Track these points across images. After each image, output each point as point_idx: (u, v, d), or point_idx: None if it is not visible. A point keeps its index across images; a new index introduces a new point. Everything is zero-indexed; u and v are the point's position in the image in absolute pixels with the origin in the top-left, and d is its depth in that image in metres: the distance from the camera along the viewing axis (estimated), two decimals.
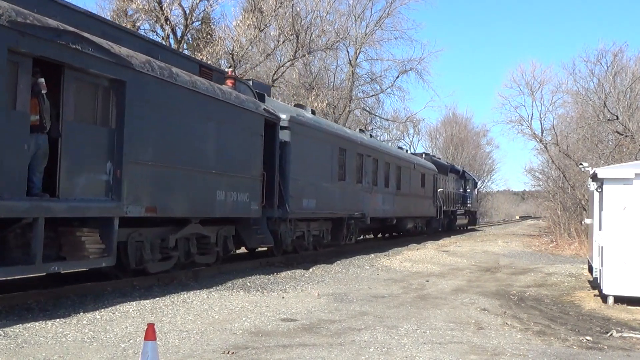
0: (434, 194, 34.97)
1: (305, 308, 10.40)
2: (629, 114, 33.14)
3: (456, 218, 44.23)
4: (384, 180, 25.34)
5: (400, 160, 28.60)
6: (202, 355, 6.99)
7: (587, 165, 15.73)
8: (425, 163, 34.26)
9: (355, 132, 24.57)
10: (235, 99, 14.11)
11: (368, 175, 23.38)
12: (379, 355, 7.29)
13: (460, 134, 77.97)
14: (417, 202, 31.19)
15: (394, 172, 26.94)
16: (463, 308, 11.12)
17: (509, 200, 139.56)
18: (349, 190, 21.38)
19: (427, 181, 33.21)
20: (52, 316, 8.51)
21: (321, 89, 37.30)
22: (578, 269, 19.29)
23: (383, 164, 25.30)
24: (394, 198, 26.78)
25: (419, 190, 31.75)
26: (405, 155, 30.89)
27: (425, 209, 33.30)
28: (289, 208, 16.57)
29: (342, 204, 20.72)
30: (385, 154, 26.11)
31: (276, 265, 16.46)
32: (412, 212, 30.41)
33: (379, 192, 24.70)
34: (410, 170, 29.81)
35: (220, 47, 29.15)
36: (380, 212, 25.14)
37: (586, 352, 8.08)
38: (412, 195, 29.95)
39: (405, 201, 28.67)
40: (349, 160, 21.43)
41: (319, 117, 21.47)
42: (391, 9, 41.65)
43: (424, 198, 32.69)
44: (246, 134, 14.47)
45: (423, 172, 32.58)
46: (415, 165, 30.98)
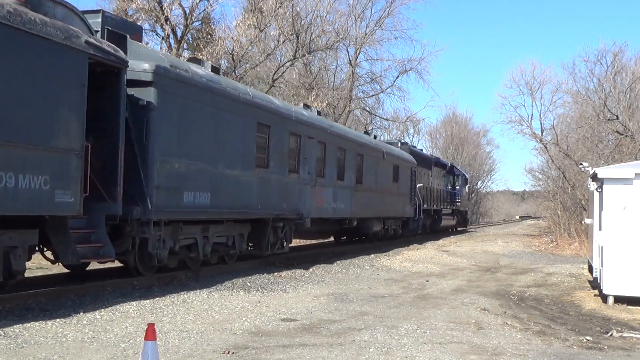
0: (412, 190, 29.63)
1: (306, 308, 10.40)
2: (629, 113, 33.14)
3: (441, 218, 38.67)
4: (335, 170, 20.03)
5: (363, 146, 22.84)
6: (202, 355, 6.98)
7: (587, 165, 15.73)
8: (400, 153, 28.68)
9: (288, 105, 18.85)
10: (17, 18, 8.63)
11: (309, 164, 17.88)
12: (379, 355, 7.29)
13: (460, 134, 78.01)
14: (387, 199, 25.69)
15: (352, 161, 21.62)
16: (463, 308, 11.12)
17: (509, 200, 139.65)
18: (276, 183, 15.94)
19: (402, 175, 27.82)
20: (52, 316, 8.51)
21: (321, 89, 37.26)
22: (578, 269, 19.29)
23: (334, 149, 19.89)
24: (353, 194, 21.58)
25: (390, 185, 26.19)
26: (370, 140, 24.59)
27: (400, 208, 27.98)
28: (151, 204, 11.13)
29: (264, 200, 15.30)
30: (338, 137, 20.37)
31: (276, 265, 16.45)
32: (380, 212, 25.08)
33: (328, 185, 19.36)
34: (377, 160, 24.38)
35: (220, 47, 29.14)
36: (329, 212, 19.71)
37: (586, 352, 8.08)
38: (379, 191, 24.46)
39: (369, 198, 23.26)
40: (276, 141, 15.82)
41: (226, 79, 15.98)
42: (391, 9, 41.59)
43: (397, 195, 27.27)
44: (44, 78, 9.13)
45: (396, 163, 27.06)
46: (385, 155, 25.34)
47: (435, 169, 37.94)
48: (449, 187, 42.97)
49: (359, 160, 22.46)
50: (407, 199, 28.91)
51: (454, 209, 43.85)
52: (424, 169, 34.00)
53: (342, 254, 20.60)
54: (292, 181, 17.02)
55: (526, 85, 43.21)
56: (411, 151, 31.89)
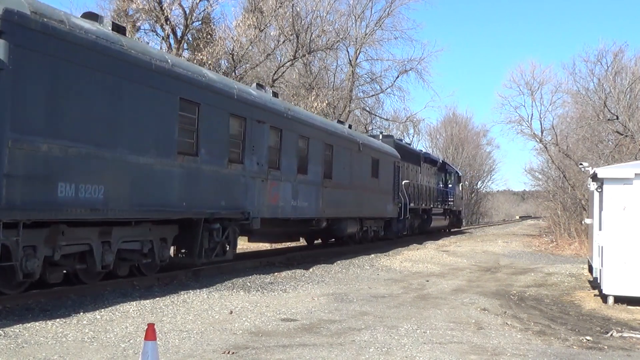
0: (395, 187, 26.42)
1: (306, 308, 10.40)
2: (629, 113, 33.15)
3: (431, 219, 35.44)
4: (295, 162, 16.96)
5: (332, 136, 19.76)
6: (202, 355, 6.99)
7: (587, 165, 15.74)
8: (380, 146, 25.41)
9: (228, 80, 15.05)
10: None
11: (259, 153, 14.93)
12: (379, 355, 7.29)
13: (460, 134, 78.05)
14: (365, 197, 22.57)
15: (318, 153, 18.49)
16: (463, 308, 11.12)
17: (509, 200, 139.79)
18: (210, 174, 12.91)
19: (383, 170, 24.67)
20: (52, 316, 8.51)
21: (321, 89, 37.27)
22: (578, 269, 19.29)
23: (294, 137, 16.89)
24: (320, 191, 18.58)
25: (369, 181, 23.15)
26: (342, 129, 21.22)
27: (381, 207, 24.79)
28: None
29: (192, 196, 12.26)
30: (300, 123, 17.30)
31: (276, 265, 16.47)
32: (356, 211, 22.08)
33: (285, 180, 16.34)
34: (351, 153, 21.32)
35: (221, 47, 29.14)
36: (288, 211, 16.64)
37: (586, 352, 8.08)
38: (354, 187, 21.51)
39: (341, 195, 20.34)
40: (210, 123, 12.90)
41: (137, 42, 13.03)
42: (391, 9, 41.65)
43: (377, 192, 24.10)
44: None
45: (376, 156, 23.91)
46: (362, 146, 22.22)
47: (425, 166, 35.19)
48: (441, 185, 40.20)
49: (328, 151, 19.30)
50: (389, 197, 25.69)
51: (446, 209, 40.95)
52: (411, 164, 31.41)
53: (342, 254, 20.60)
54: (234, 173, 13.90)
55: (526, 85, 43.32)
56: (396, 145, 28.78)
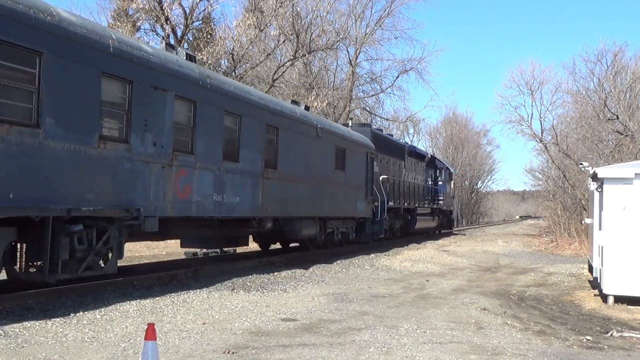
0: (369, 182, 22.98)
1: (306, 308, 10.40)
2: (629, 113, 33.16)
3: (416, 219, 31.81)
4: (220, 146, 13.39)
5: (277, 116, 15.98)
6: (202, 355, 6.99)
7: (587, 165, 15.73)
8: (347, 133, 21.70)
9: (99, 27, 10.90)
10: None
11: (157, 130, 11.46)
12: (379, 355, 7.29)
13: (460, 134, 78.08)
14: (326, 193, 19.15)
15: (256, 136, 14.87)
16: (463, 308, 11.12)
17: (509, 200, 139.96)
18: (63, 155, 9.34)
19: (351, 161, 21.23)
20: (52, 316, 8.51)
21: (321, 88, 37.27)
22: (578, 268, 19.29)
23: (219, 114, 13.37)
24: (260, 183, 15.00)
25: (331, 174, 19.60)
26: (291, 109, 17.28)
27: (349, 205, 21.30)
28: None
29: (28, 184, 8.78)
30: (225, 96, 13.63)
31: (276, 265, 16.46)
32: (315, 210, 18.45)
33: (204, 167, 12.79)
34: (306, 139, 17.69)
35: (221, 47, 29.14)
36: (209, 208, 12.98)
37: (586, 351, 8.08)
38: (311, 180, 17.97)
39: (292, 190, 16.79)
40: (63, 84, 9.35)
41: None
42: (391, 9, 41.68)
43: (343, 187, 20.63)
44: None
45: (341, 145, 20.40)
46: (321, 132, 18.62)
47: (411, 160, 32.01)
48: (430, 182, 37.05)
49: (272, 135, 15.71)
50: (361, 194, 22.31)
51: (435, 208, 37.29)
52: (393, 158, 28.32)
53: (342, 254, 20.60)
54: (112, 155, 10.36)
55: (526, 85, 43.35)
56: (374, 135, 25.37)
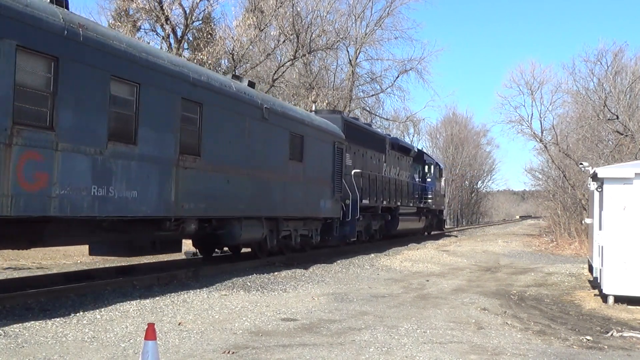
0: (337, 176, 19.87)
1: (306, 308, 10.40)
2: (629, 113, 33.16)
3: (398, 220, 28.33)
4: (105, 121, 10.24)
5: (200, 89, 12.74)
6: (202, 355, 6.98)
7: (587, 165, 15.73)
8: (307, 118, 18.42)
9: None
10: None
11: None
12: (379, 355, 7.29)
13: (460, 134, 78.09)
14: (276, 188, 15.89)
15: (168, 112, 11.74)
16: (463, 308, 11.12)
17: (509, 200, 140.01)
18: None
19: (313, 152, 17.98)
20: (52, 316, 8.51)
21: (321, 88, 37.29)
22: (578, 268, 19.29)
23: (101, 79, 10.18)
24: (173, 173, 11.78)
25: (285, 165, 16.40)
26: (224, 82, 14.01)
27: (310, 204, 18.08)
28: None
29: None
30: (116, 56, 10.49)
31: (276, 265, 16.46)
32: (261, 209, 15.19)
33: (74, 149, 9.55)
34: (246, 121, 14.37)
35: (221, 47, 29.15)
36: (83, 205, 9.72)
37: (586, 351, 8.08)
38: (255, 172, 14.69)
39: (225, 183, 13.53)
40: None
41: None
42: (391, 9, 41.73)
43: (303, 183, 17.44)
44: None
45: (298, 132, 17.13)
46: (269, 114, 15.28)
47: (393, 154, 28.72)
48: (417, 179, 33.82)
49: (192, 112, 12.51)
50: (326, 190, 19.13)
51: (422, 208, 33.57)
52: (370, 150, 25.02)
53: (342, 254, 20.61)
54: None
55: (526, 85, 43.33)
56: (345, 122, 22.03)
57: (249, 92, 14.98)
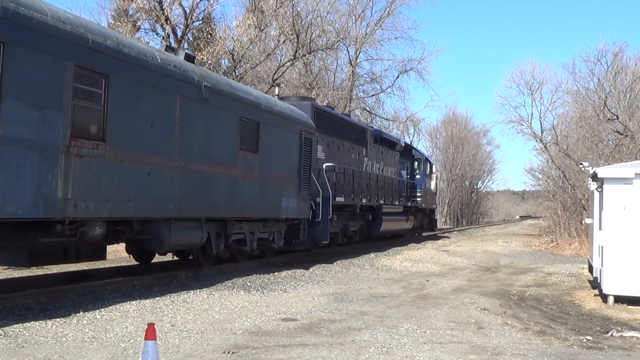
0: (304, 171, 17.27)
1: (306, 308, 10.40)
2: (629, 113, 33.18)
3: (381, 220, 25.43)
4: None
5: (104, 56, 9.97)
6: (202, 355, 6.99)
7: (587, 165, 15.74)
8: (265, 101, 15.54)
9: None
10: None
11: None
12: (379, 355, 7.29)
13: (460, 134, 78.08)
14: (220, 183, 13.39)
15: (46, 81, 8.89)
16: (463, 308, 11.12)
17: (509, 200, 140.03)
18: None
19: (270, 142, 15.31)
20: (52, 316, 8.51)
21: (321, 88, 37.28)
22: (578, 268, 19.29)
23: None
24: (59, 161, 9.06)
25: (233, 157, 13.81)
26: (141, 49, 11.18)
27: (269, 202, 15.47)
28: None
29: None
30: None
31: (276, 265, 16.46)
32: (199, 208, 12.69)
33: None
34: (176, 101, 11.85)
35: (221, 47, 29.14)
36: None
37: (586, 351, 8.08)
38: (187, 163, 12.11)
39: (146, 176, 11.00)
40: None
41: None
42: (391, 9, 41.70)
43: (258, 177, 14.76)
44: None
45: (252, 118, 14.49)
46: (210, 93, 12.77)
47: (376, 147, 26.26)
48: (404, 176, 31.22)
49: (93, 86, 9.88)
50: (290, 187, 16.51)
51: (410, 207, 30.74)
52: (350, 143, 22.72)
53: (342, 254, 20.62)
54: None
55: (526, 85, 43.34)
56: (317, 111, 19.57)
57: (182, 65, 12.20)
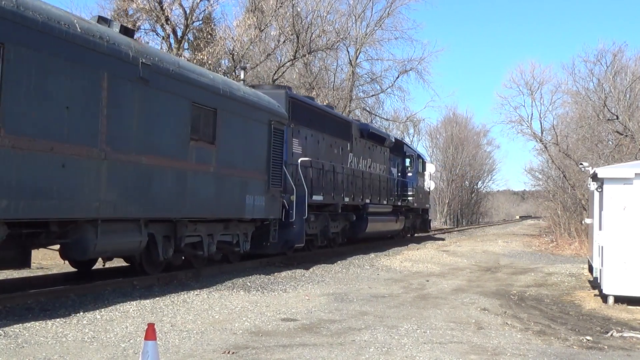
0: (273, 166, 15.45)
1: (306, 308, 10.40)
2: (629, 113, 33.18)
3: (367, 221, 23.43)
4: None
5: None
6: (202, 355, 6.99)
7: (587, 165, 15.75)
8: (224, 85, 13.70)
9: None
10: None
11: None
12: (379, 355, 7.29)
13: (460, 134, 78.02)
14: (165, 177, 11.59)
15: None
16: (463, 308, 11.12)
17: (509, 200, 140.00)
18: None
19: (230, 131, 13.57)
20: (52, 316, 8.51)
21: (321, 89, 37.29)
22: (578, 268, 19.29)
23: None
24: None
25: (182, 147, 12.10)
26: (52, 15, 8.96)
27: (231, 201, 13.78)
28: None
29: None
30: None
31: (276, 265, 16.47)
32: (138, 207, 10.85)
33: None
34: (106, 80, 9.90)
35: (221, 47, 29.15)
36: None
37: (586, 351, 8.08)
38: (122, 153, 10.31)
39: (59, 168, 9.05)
40: None
41: None
42: (391, 9, 41.69)
43: (215, 171, 13.09)
44: None
45: (207, 104, 12.78)
46: (151, 72, 10.92)
47: (362, 142, 24.42)
48: (395, 173, 29.46)
49: None
50: (256, 183, 14.75)
51: (400, 206, 28.75)
52: (331, 137, 20.99)
53: (342, 254, 20.62)
54: None
55: (526, 85, 43.33)
56: (292, 100, 17.80)
57: (111, 38, 10.10)
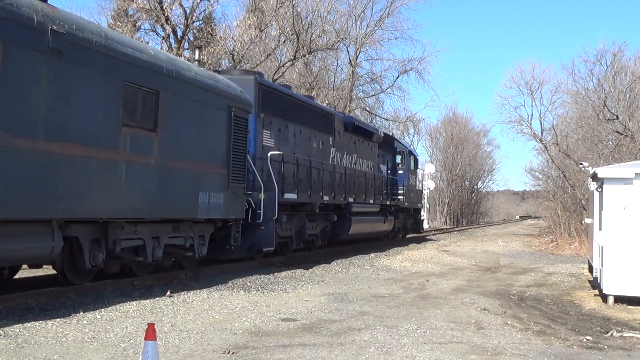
0: (235, 159, 13.77)
1: (306, 308, 10.40)
2: (629, 113, 33.17)
3: (350, 221, 21.62)
4: None
5: None
6: (202, 355, 6.99)
7: (587, 165, 15.75)
8: (169, 62, 11.61)
9: None
10: None
11: None
12: (379, 355, 7.29)
13: (460, 134, 77.97)
14: (94, 172, 9.69)
15: None
16: (463, 308, 11.12)
17: (509, 200, 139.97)
18: None
19: (179, 118, 11.75)
20: (52, 316, 8.51)
21: (322, 89, 37.30)
22: (578, 268, 19.29)
23: None
24: None
25: (111, 134, 10.09)
26: None
27: (179, 198, 11.95)
28: None
29: None
30: None
31: (276, 265, 16.46)
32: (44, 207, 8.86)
33: None
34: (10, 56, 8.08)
35: (221, 47, 29.16)
36: None
37: (586, 351, 8.08)
38: (22, 140, 8.35)
39: None
40: None
41: None
42: (391, 9, 41.70)
43: (158, 164, 11.19)
44: None
45: (146, 85, 10.82)
46: (63, 40, 8.84)
47: (347, 136, 22.56)
48: (384, 171, 27.60)
49: None
50: (213, 178, 13.11)
51: (388, 206, 26.77)
52: (310, 129, 19.23)
53: (342, 254, 20.61)
54: None
55: (526, 85, 43.31)
56: (262, 87, 16.13)
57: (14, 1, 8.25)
